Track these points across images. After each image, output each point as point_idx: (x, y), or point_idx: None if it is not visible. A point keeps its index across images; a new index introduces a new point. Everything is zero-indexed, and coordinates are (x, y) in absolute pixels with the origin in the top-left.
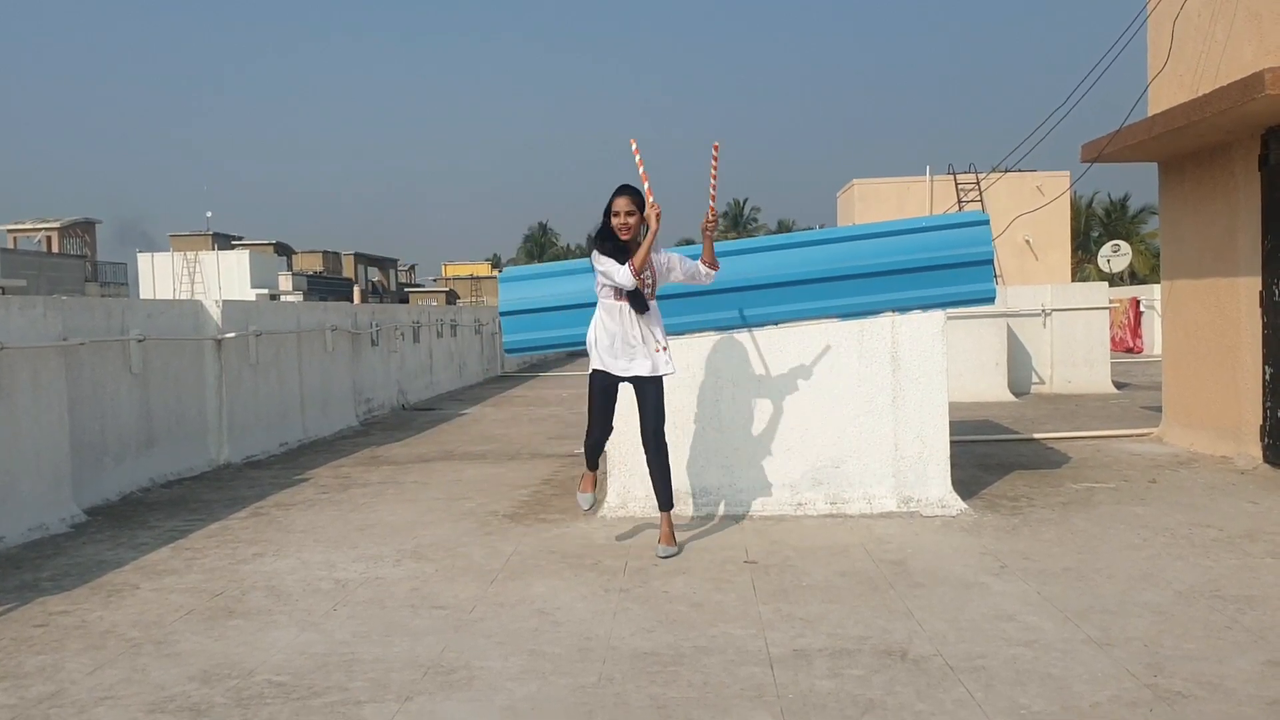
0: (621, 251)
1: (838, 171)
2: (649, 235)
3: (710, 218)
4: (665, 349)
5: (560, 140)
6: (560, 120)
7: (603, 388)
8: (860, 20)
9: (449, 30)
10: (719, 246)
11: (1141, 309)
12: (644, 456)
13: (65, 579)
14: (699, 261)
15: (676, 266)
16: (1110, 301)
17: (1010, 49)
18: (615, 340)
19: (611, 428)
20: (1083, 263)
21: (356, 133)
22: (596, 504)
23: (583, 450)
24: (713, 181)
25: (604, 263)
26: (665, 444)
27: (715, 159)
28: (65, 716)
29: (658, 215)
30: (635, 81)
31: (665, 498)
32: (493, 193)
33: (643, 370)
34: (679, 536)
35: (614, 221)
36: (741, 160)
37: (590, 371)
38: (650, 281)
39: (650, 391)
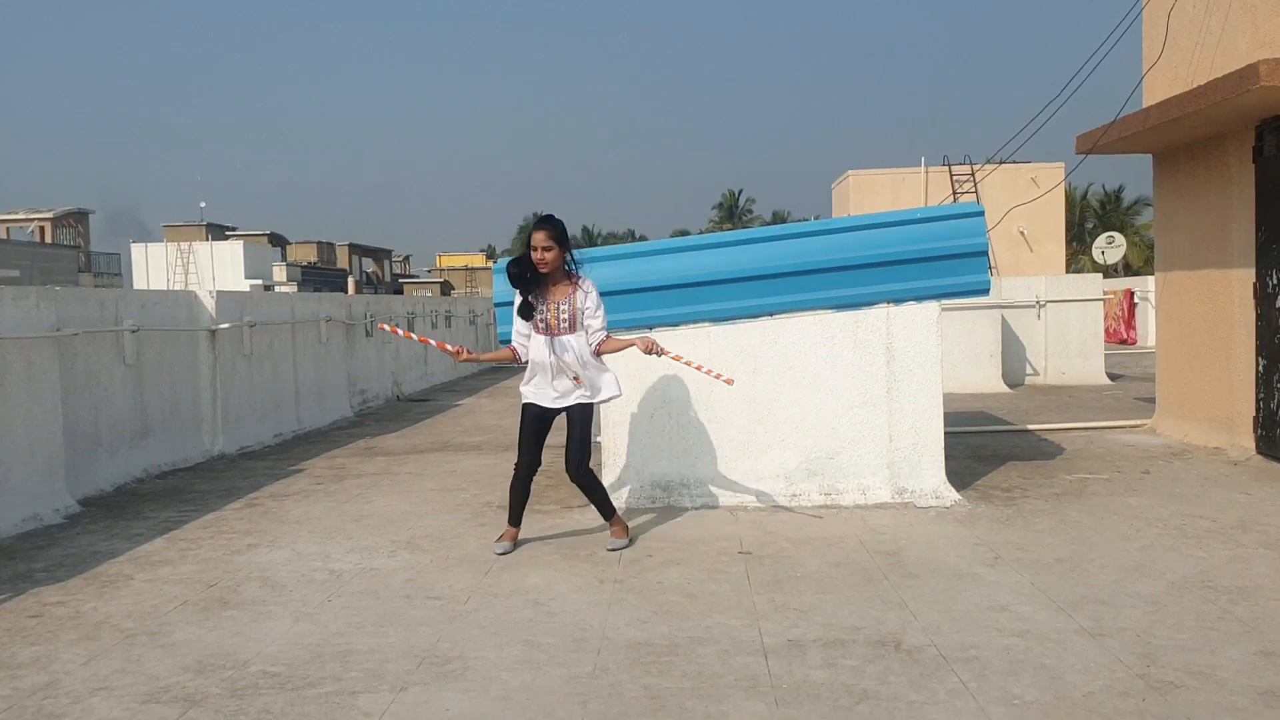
0: (533, 285)
1: (833, 163)
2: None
3: (664, 354)
4: (578, 380)
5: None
6: (553, 109)
7: (531, 419)
8: (855, 11)
9: (445, 18)
10: (722, 236)
11: (1135, 301)
12: (637, 447)
13: (59, 569)
14: (599, 339)
15: (591, 323)
16: (1104, 293)
17: (1005, 41)
18: (539, 370)
19: (536, 464)
20: (1077, 254)
21: (351, 123)
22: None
23: (498, 480)
24: (689, 363)
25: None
26: (589, 475)
27: (700, 367)
28: (60, 707)
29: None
30: (628, 70)
31: (606, 510)
32: (487, 183)
33: (562, 402)
34: (677, 530)
35: (533, 255)
36: (736, 151)
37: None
38: (564, 318)
39: (574, 419)
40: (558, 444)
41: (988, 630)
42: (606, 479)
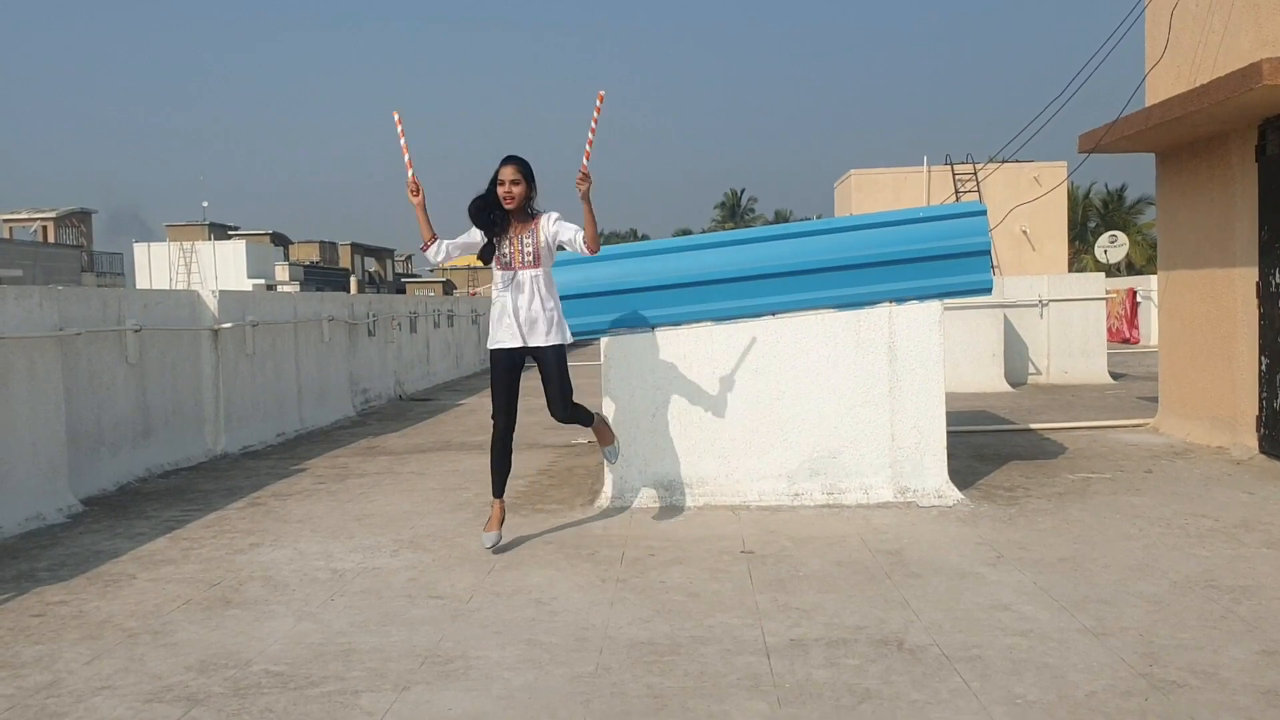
0: (498, 223)
1: (835, 162)
2: (585, 211)
3: (581, 174)
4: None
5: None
6: (554, 108)
7: (501, 367)
8: (858, 10)
9: (446, 19)
10: (724, 236)
11: (1138, 300)
12: (639, 446)
13: (62, 569)
14: (580, 234)
15: (564, 234)
16: (1107, 292)
17: (1008, 40)
18: (503, 312)
19: (514, 414)
20: (1080, 253)
21: (353, 122)
22: (500, 542)
23: (488, 461)
24: (591, 132)
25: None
26: (576, 410)
27: (598, 108)
28: (63, 706)
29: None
30: (630, 69)
31: (586, 417)
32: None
33: (530, 340)
34: (679, 529)
35: (499, 190)
36: (738, 151)
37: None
38: (529, 252)
39: (548, 363)
40: (555, 440)
41: (990, 630)
42: (608, 479)
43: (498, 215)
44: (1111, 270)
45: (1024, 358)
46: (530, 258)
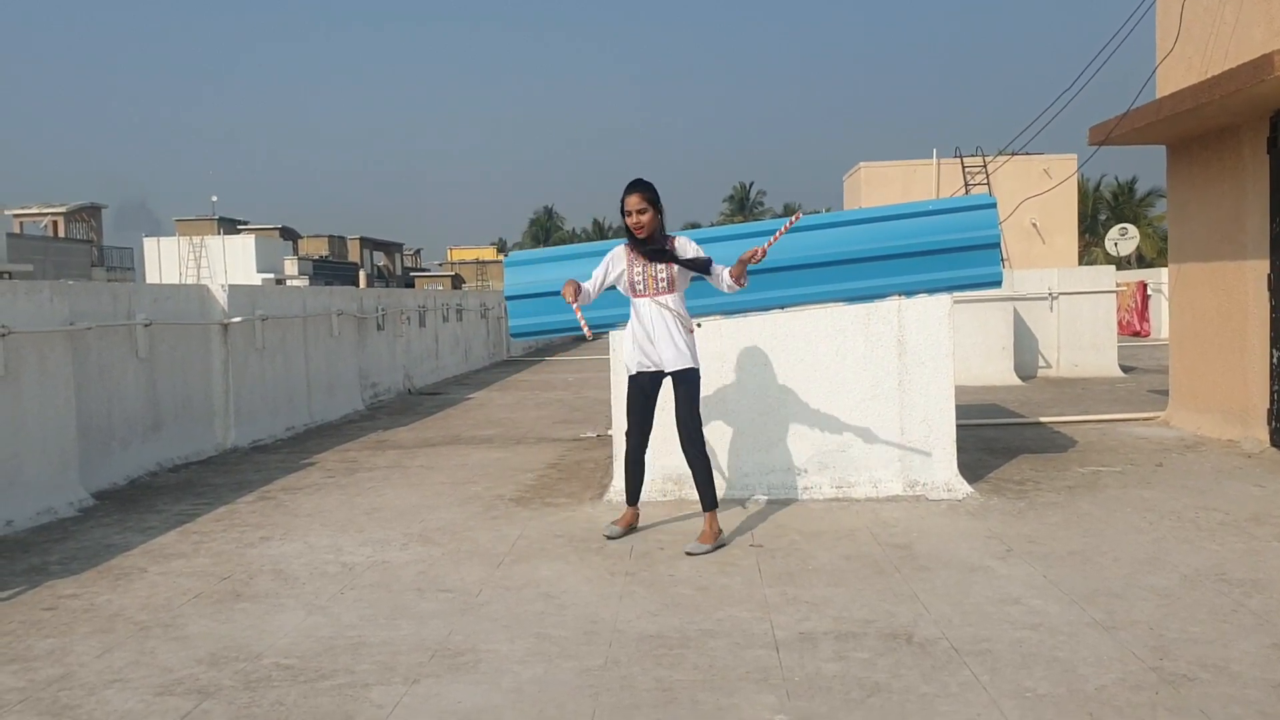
0: (637, 250)
1: (844, 155)
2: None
3: (759, 255)
4: (681, 342)
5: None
6: (564, 103)
7: (636, 389)
8: (866, 2)
9: (456, 17)
10: (723, 231)
11: (1149, 292)
12: (651, 442)
13: (73, 562)
14: (726, 270)
15: (700, 257)
16: (1117, 285)
17: (1018, 32)
18: (636, 337)
19: (647, 434)
20: (1090, 246)
21: (362, 117)
22: (620, 537)
23: (623, 468)
24: (777, 236)
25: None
26: (700, 443)
27: (788, 226)
28: (75, 699)
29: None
30: (639, 63)
31: (708, 498)
32: (498, 177)
33: (661, 366)
34: (688, 523)
35: (628, 221)
36: (747, 144)
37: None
38: (663, 279)
39: (677, 387)
40: (565, 434)
41: (1000, 623)
42: (617, 471)
43: (633, 245)
44: (1122, 263)
45: (1034, 351)
46: (665, 284)
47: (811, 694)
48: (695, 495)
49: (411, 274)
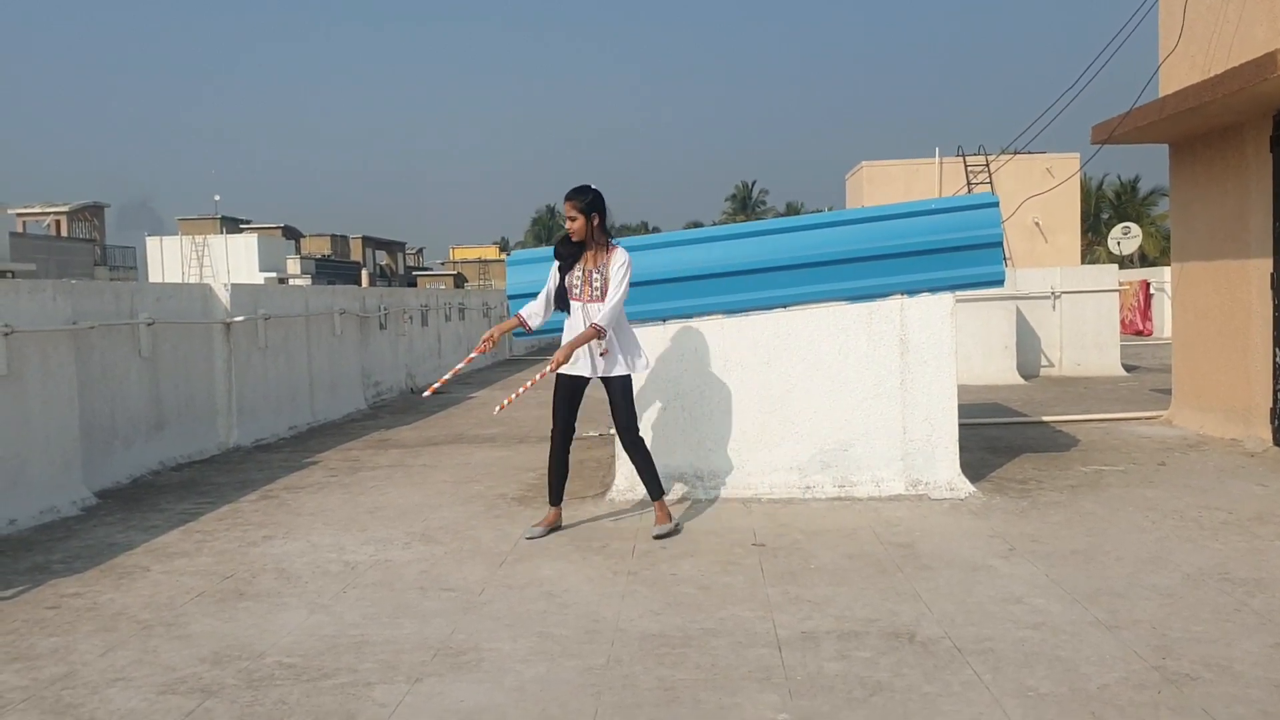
0: (574, 256)
1: (846, 154)
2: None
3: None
4: (605, 353)
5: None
6: (566, 102)
7: (560, 389)
8: (868, 1)
9: (458, 16)
10: (735, 228)
11: (1151, 291)
12: (653, 441)
13: (76, 561)
14: (600, 316)
15: (610, 287)
16: (1120, 284)
17: (1020, 30)
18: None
19: (569, 435)
20: (1092, 245)
21: (364, 116)
22: (542, 537)
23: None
24: (527, 387)
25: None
26: (639, 442)
27: (527, 388)
28: (78, 698)
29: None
30: (641, 62)
31: (653, 489)
32: (501, 176)
33: (584, 371)
34: (690, 522)
35: (568, 225)
36: (749, 143)
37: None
38: (596, 286)
39: (608, 391)
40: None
41: (1002, 622)
42: (619, 472)
43: (566, 251)
44: (1124, 262)
45: (1036, 350)
46: (598, 292)
47: (814, 693)
48: (695, 495)
49: (414, 273)
